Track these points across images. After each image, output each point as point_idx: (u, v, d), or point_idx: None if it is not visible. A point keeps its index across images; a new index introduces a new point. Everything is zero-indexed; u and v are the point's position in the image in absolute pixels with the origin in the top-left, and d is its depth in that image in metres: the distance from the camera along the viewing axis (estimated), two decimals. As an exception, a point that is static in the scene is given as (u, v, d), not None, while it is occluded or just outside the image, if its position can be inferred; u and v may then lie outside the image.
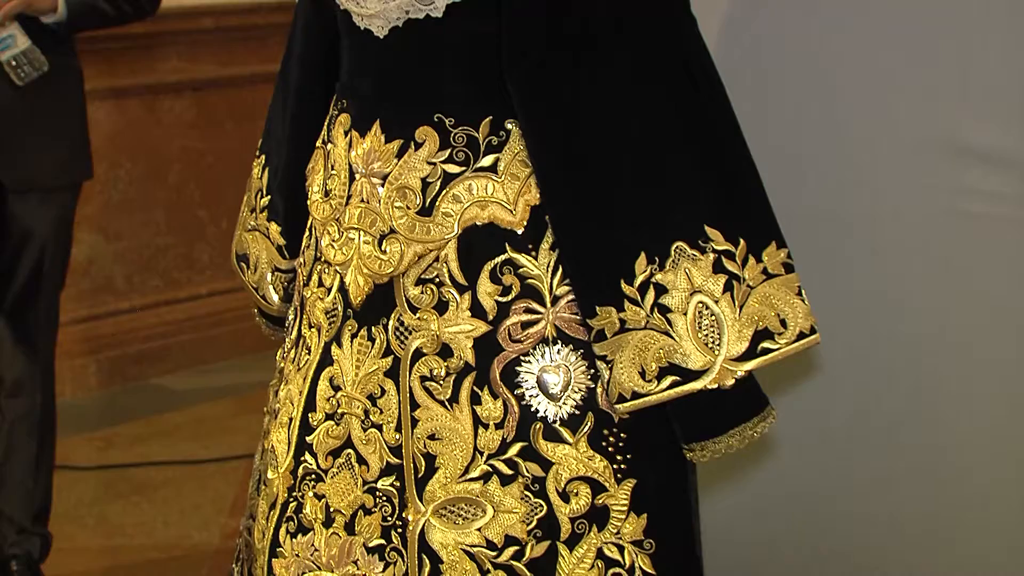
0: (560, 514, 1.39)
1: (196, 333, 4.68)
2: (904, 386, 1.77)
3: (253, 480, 1.62)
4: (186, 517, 3.74)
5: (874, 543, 1.77)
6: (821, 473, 1.84)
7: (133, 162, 4.30)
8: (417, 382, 1.41)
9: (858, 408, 1.81)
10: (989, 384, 1.71)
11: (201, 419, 4.47)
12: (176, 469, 4.09)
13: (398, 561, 1.42)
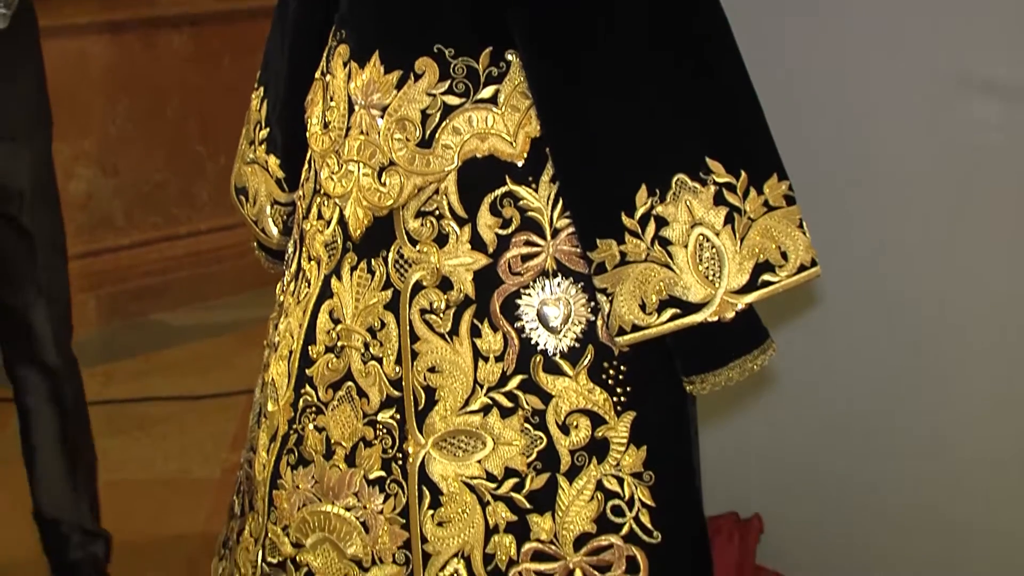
0: (560, 446, 1.40)
1: (196, 269, 4.68)
2: (904, 318, 1.77)
3: (253, 413, 1.62)
4: (187, 452, 3.76)
5: (873, 471, 1.78)
6: (820, 404, 1.84)
7: (131, 97, 4.28)
8: (417, 315, 1.41)
9: (857, 339, 1.81)
10: (992, 312, 1.71)
11: (201, 355, 4.47)
12: (176, 404, 4.10)
13: (398, 493, 1.43)
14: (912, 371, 1.75)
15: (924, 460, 1.74)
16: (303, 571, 1.48)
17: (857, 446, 1.79)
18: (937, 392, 1.74)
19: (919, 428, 1.74)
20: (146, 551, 3.20)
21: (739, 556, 1.56)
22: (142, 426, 3.78)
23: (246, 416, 1.63)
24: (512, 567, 1.40)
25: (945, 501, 1.71)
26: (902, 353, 1.77)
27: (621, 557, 1.40)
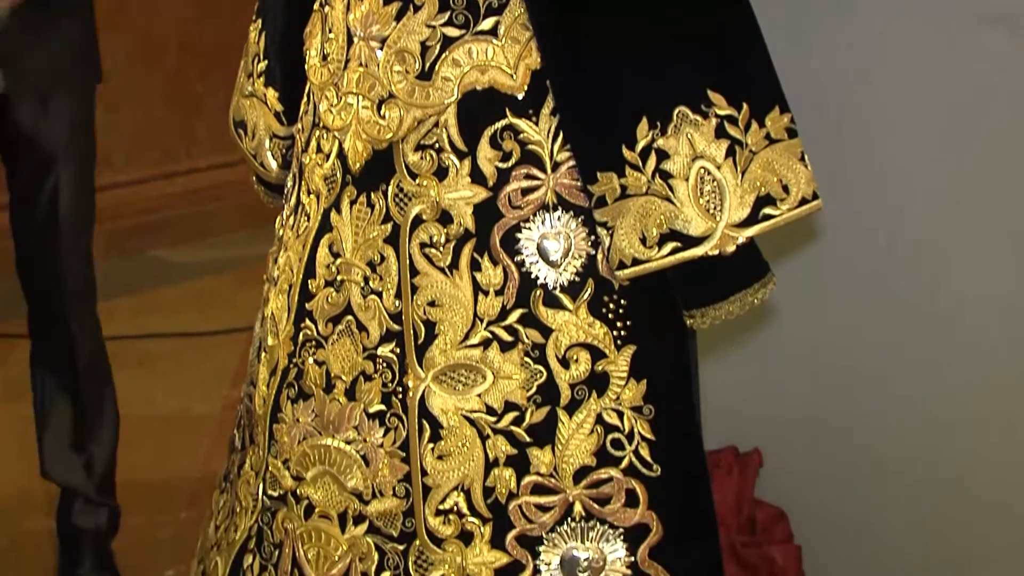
0: (560, 380, 1.40)
1: (195, 207, 4.67)
2: (904, 251, 1.76)
3: (253, 347, 1.62)
4: (188, 388, 3.77)
5: (873, 404, 1.78)
6: (821, 338, 1.84)
7: (129, 34, 4.25)
8: (417, 249, 1.40)
9: (859, 273, 1.81)
10: (996, 245, 1.70)
11: (201, 292, 4.48)
12: (177, 341, 4.11)
13: (398, 427, 1.43)
14: (914, 306, 1.75)
15: (925, 394, 1.74)
16: (304, 504, 1.49)
17: (857, 380, 1.80)
18: (939, 327, 1.74)
19: (920, 363, 1.74)
20: (147, 486, 3.22)
21: (738, 490, 1.57)
22: (143, 363, 3.79)
23: (246, 353, 1.63)
24: (512, 500, 1.41)
25: (946, 435, 1.71)
26: (904, 288, 1.77)
27: (620, 490, 1.41)
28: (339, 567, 1.47)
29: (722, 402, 1.78)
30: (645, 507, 1.41)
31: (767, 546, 1.58)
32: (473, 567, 1.41)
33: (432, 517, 1.42)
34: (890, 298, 1.78)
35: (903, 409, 1.74)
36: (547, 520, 1.41)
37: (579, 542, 1.41)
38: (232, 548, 1.58)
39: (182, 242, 4.72)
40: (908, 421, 1.73)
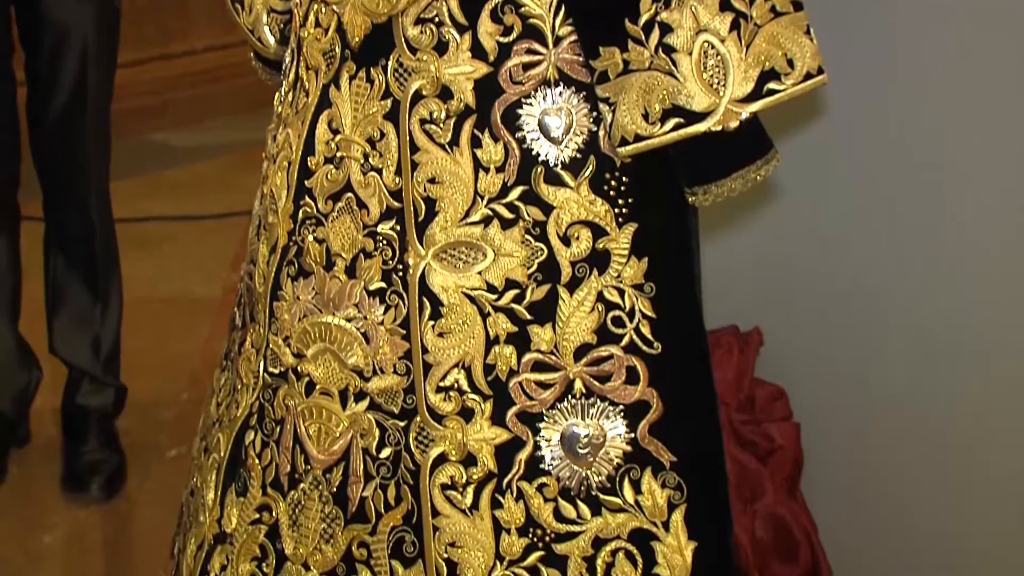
0: (561, 258, 1.39)
1: (193, 89, 4.63)
2: (911, 128, 1.74)
3: (253, 226, 1.62)
4: (187, 272, 3.78)
5: (875, 285, 1.78)
6: (824, 218, 1.83)
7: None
8: (417, 125, 1.39)
9: (863, 151, 1.79)
10: (1001, 133, 1.68)
11: (200, 175, 4.47)
12: (176, 225, 4.10)
13: (399, 304, 1.43)
14: (917, 184, 1.73)
15: (926, 273, 1.73)
16: (304, 381, 1.49)
17: (859, 260, 1.79)
18: (941, 208, 1.73)
19: (923, 240, 1.73)
20: (149, 366, 3.24)
21: (738, 369, 1.58)
22: (142, 245, 3.79)
23: (246, 237, 1.62)
24: (512, 377, 1.41)
25: (949, 309, 1.71)
26: (908, 165, 1.75)
27: (621, 367, 1.41)
28: (340, 443, 1.48)
29: (723, 281, 1.78)
30: (645, 384, 1.41)
31: (766, 424, 1.59)
32: (474, 443, 1.42)
33: (433, 394, 1.42)
34: (894, 177, 1.77)
35: (906, 288, 1.74)
36: (547, 397, 1.41)
37: (579, 419, 1.41)
38: (234, 425, 1.59)
39: (181, 125, 4.69)
40: (911, 300, 1.72)
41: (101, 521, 2.72)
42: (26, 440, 3.01)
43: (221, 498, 1.60)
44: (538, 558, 1.42)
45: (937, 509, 1.66)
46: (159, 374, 3.27)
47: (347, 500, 1.48)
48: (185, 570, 1.66)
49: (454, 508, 1.43)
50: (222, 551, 1.59)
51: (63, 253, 2.86)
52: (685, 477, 1.42)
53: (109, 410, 2.96)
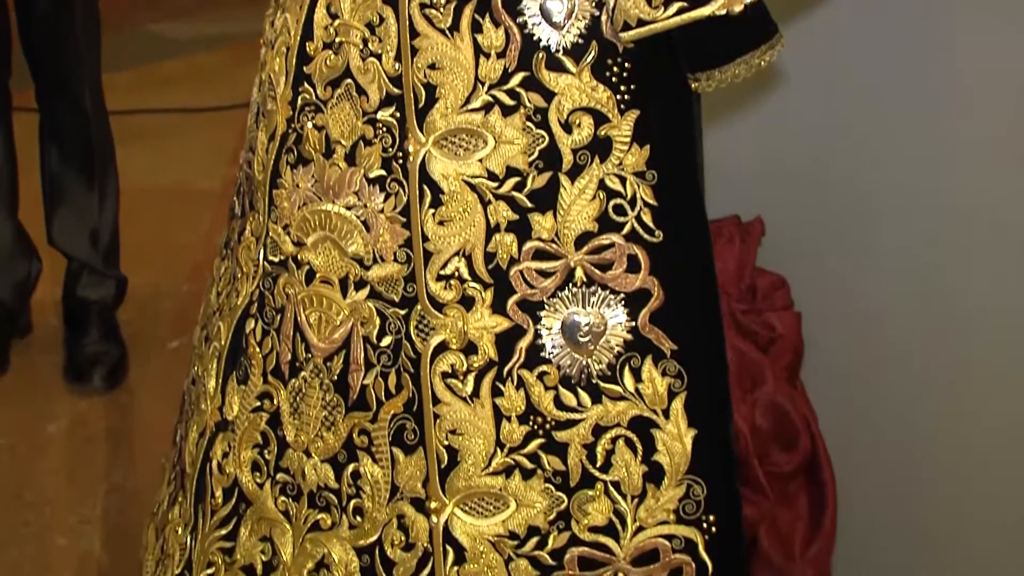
0: (562, 145, 1.38)
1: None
2: (922, 17, 1.71)
3: (252, 113, 1.60)
4: (187, 164, 3.76)
5: (880, 175, 1.76)
6: (828, 106, 1.81)
7: None
8: (416, 9, 1.37)
9: (871, 37, 1.76)
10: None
11: (198, 68, 4.43)
12: (175, 117, 4.08)
13: (399, 192, 1.42)
14: (926, 72, 1.71)
15: (931, 163, 1.72)
16: (304, 269, 1.49)
17: (865, 149, 1.77)
18: (954, 98, 1.70)
19: (928, 131, 1.72)
20: (149, 258, 3.24)
21: (740, 259, 1.57)
22: (141, 137, 3.77)
23: (245, 129, 1.61)
24: (513, 265, 1.40)
25: (949, 205, 1.70)
26: (917, 53, 1.72)
27: (622, 256, 1.40)
28: (340, 331, 1.48)
29: (725, 170, 1.76)
30: (646, 272, 1.41)
31: (767, 313, 1.59)
32: (474, 331, 1.42)
33: (433, 282, 1.42)
34: (901, 63, 1.74)
35: (909, 180, 1.72)
36: (548, 285, 1.41)
37: (580, 307, 1.41)
38: (234, 313, 1.59)
39: (180, 16, 4.64)
40: (915, 190, 1.71)
41: (103, 411, 2.73)
42: (28, 331, 3.02)
43: (222, 386, 1.61)
44: (538, 445, 1.42)
45: (937, 395, 1.67)
46: (160, 266, 3.27)
47: (348, 388, 1.48)
48: (187, 457, 1.67)
49: (455, 396, 1.43)
50: (224, 438, 1.60)
51: (57, 145, 2.85)
52: (685, 365, 1.42)
53: (109, 302, 2.97)
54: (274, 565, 1.56)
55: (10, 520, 2.38)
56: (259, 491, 1.56)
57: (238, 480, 1.58)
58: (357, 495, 1.49)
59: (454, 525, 1.45)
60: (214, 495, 1.61)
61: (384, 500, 1.47)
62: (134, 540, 1.98)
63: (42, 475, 2.52)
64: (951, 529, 1.70)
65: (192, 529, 1.65)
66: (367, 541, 1.49)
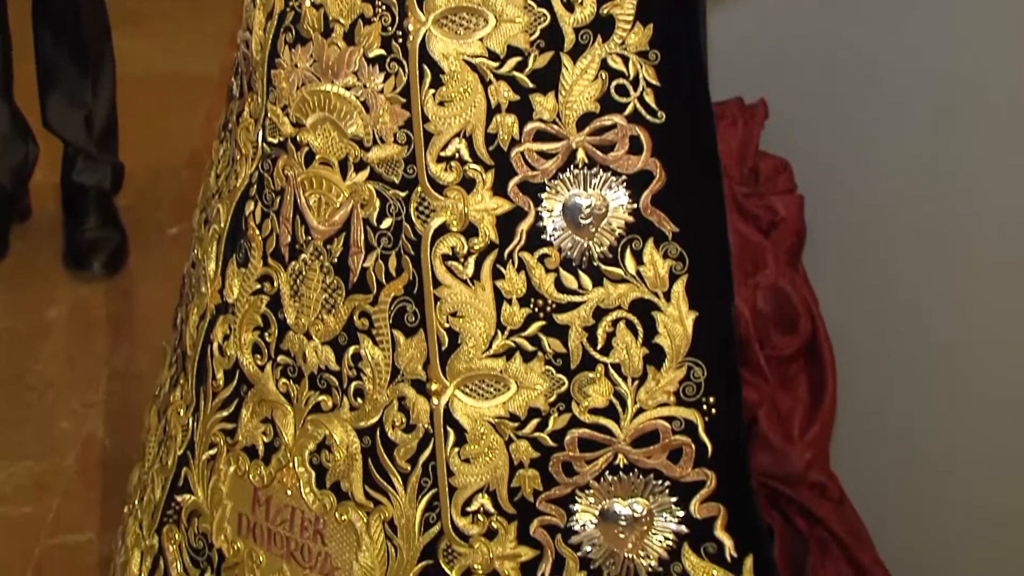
0: (564, 24, 1.36)
1: None
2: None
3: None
4: (184, 49, 3.72)
5: (887, 57, 1.73)
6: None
7: None
8: None
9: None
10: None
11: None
12: (171, 1, 4.03)
13: (399, 72, 1.40)
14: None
15: (939, 47, 1.69)
16: (304, 151, 1.48)
17: (870, 31, 1.75)
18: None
19: (936, 10, 1.69)
20: (147, 144, 3.22)
21: (742, 141, 1.56)
22: (137, 22, 3.72)
23: (242, 10, 1.59)
24: (514, 147, 1.39)
25: (958, 86, 1.67)
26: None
27: (624, 137, 1.39)
28: (340, 214, 1.47)
29: (729, 52, 1.74)
30: (649, 154, 1.40)
31: (769, 196, 1.58)
32: (475, 213, 1.41)
33: (434, 164, 1.41)
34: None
35: (916, 62, 1.69)
36: (549, 167, 1.40)
37: (581, 189, 1.40)
38: (233, 195, 1.58)
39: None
40: (922, 73, 1.68)
41: (104, 296, 2.74)
42: (27, 215, 3.01)
43: (222, 269, 1.60)
44: (539, 328, 1.42)
45: (939, 278, 1.67)
46: (158, 152, 3.25)
47: (348, 271, 1.48)
48: (188, 340, 1.67)
49: (455, 278, 1.43)
50: (224, 321, 1.60)
51: (50, 27, 2.82)
52: (687, 248, 1.42)
53: (107, 187, 2.95)
54: (276, 446, 1.57)
55: (12, 403, 2.39)
56: (260, 373, 1.57)
57: (239, 362, 1.59)
58: (358, 377, 1.49)
59: (455, 407, 1.45)
60: (215, 377, 1.62)
61: (385, 382, 1.48)
62: (136, 423, 2.00)
63: (43, 359, 2.53)
64: (952, 410, 1.71)
65: (194, 411, 1.66)
66: (368, 423, 1.50)
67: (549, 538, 1.46)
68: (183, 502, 1.68)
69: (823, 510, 1.61)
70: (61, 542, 2.04)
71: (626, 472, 1.45)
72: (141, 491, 1.78)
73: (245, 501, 1.61)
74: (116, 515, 1.94)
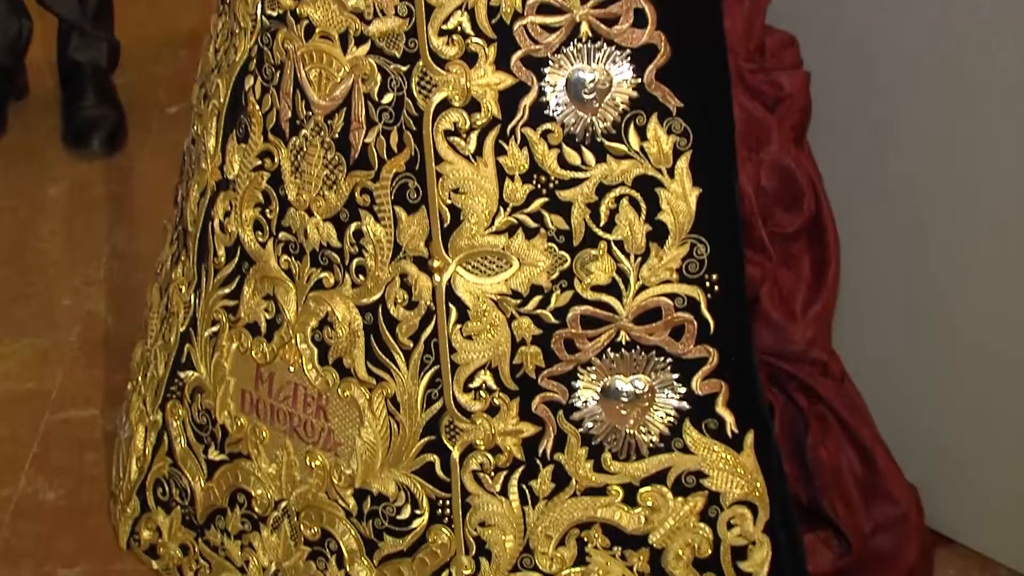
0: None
1: None
2: None
3: None
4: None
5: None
6: None
7: None
8: None
9: None
10: None
11: None
12: None
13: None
14: None
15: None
16: (303, 24, 1.46)
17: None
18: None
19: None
20: (144, 21, 3.18)
21: (749, 16, 1.52)
22: None
23: None
24: (517, 20, 1.37)
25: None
26: None
27: (629, 10, 1.37)
28: (341, 88, 1.46)
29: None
30: (653, 27, 1.38)
31: (775, 72, 1.56)
32: (477, 88, 1.40)
33: (435, 37, 1.39)
34: None
35: None
36: (553, 41, 1.38)
37: (585, 63, 1.38)
38: (232, 70, 1.56)
39: None
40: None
41: (104, 174, 2.72)
42: (25, 93, 2.98)
43: (222, 145, 1.59)
44: (542, 204, 1.42)
45: (944, 155, 1.65)
46: (156, 30, 3.21)
47: (349, 146, 1.47)
48: (189, 217, 1.67)
49: (457, 155, 1.42)
50: (225, 197, 1.59)
51: None
52: (691, 124, 1.40)
53: (103, 64, 2.92)
54: (278, 323, 1.57)
55: (14, 280, 2.39)
56: (261, 250, 1.57)
57: (240, 239, 1.58)
58: (359, 254, 1.49)
59: (457, 284, 1.45)
60: (217, 254, 1.61)
61: (387, 259, 1.47)
62: (138, 301, 2.00)
63: (44, 237, 2.52)
64: (955, 289, 1.70)
65: (196, 288, 1.66)
66: (370, 299, 1.50)
67: (551, 414, 1.47)
68: (186, 378, 1.69)
69: (824, 388, 1.61)
70: (65, 417, 2.05)
71: (628, 349, 1.45)
72: (144, 368, 1.78)
73: (248, 378, 1.62)
74: (120, 392, 1.95)
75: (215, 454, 1.67)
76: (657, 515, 1.48)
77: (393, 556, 1.55)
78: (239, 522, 1.66)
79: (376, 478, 1.53)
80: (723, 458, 1.48)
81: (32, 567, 1.80)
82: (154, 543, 1.76)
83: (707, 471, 1.48)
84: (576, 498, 1.48)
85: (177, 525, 1.73)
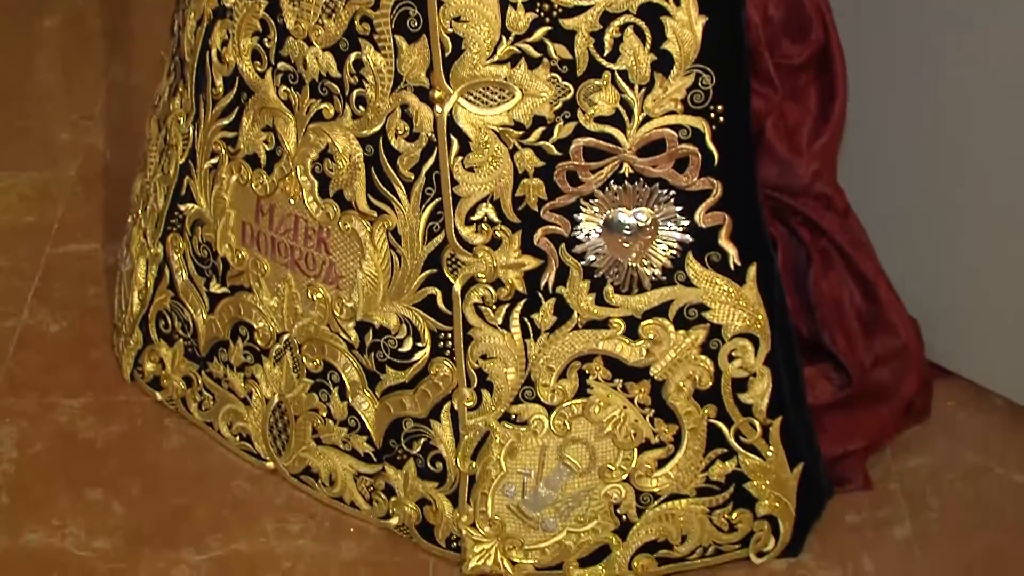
0: None
1: None
2: None
3: None
4: None
5: None
6: None
7: None
8: None
9: None
10: None
11: None
12: None
13: None
14: None
15: None
16: None
17: None
18: None
19: None
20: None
21: None
22: None
23: None
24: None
25: None
26: None
27: None
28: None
29: None
30: None
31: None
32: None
33: None
34: None
35: None
36: None
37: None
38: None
39: None
40: None
41: (99, 6, 2.67)
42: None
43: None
44: (545, 33, 1.39)
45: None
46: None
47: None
48: (186, 47, 1.64)
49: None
50: (222, 26, 1.56)
51: None
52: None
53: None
54: (277, 155, 1.56)
55: (11, 114, 2.37)
56: (260, 80, 1.54)
57: (238, 69, 1.56)
58: (360, 84, 1.46)
59: (458, 115, 1.43)
60: (215, 84, 1.59)
61: (387, 89, 1.45)
62: (136, 136, 1.98)
63: (40, 71, 2.49)
64: (959, 121, 1.68)
65: (194, 119, 1.64)
66: (370, 131, 1.48)
67: (553, 247, 1.46)
68: (186, 211, 1.68)
69: (827, 221, 1.60)
70: (66, 251, 2.05)
71: (631, 181, 1.44)
72: (144, 201, 1.77)
73: (248, 210, 1.61)
74: (120, 226, 1.95)
75: (216, 287, 1.67)
76: (659, 347, 1.49)
77: (395, 388, 1.56)
78: (242, 354, 1.67)
79: (378, 311, 1.53)
80: (725, 291, 1.47)
81: (36, 397, 1.82)
82: (157, 375, 1.77)
83: (709, 304, 1.48)
84: (578, 331, 1.48)
85: (180, 357, 1.74)
